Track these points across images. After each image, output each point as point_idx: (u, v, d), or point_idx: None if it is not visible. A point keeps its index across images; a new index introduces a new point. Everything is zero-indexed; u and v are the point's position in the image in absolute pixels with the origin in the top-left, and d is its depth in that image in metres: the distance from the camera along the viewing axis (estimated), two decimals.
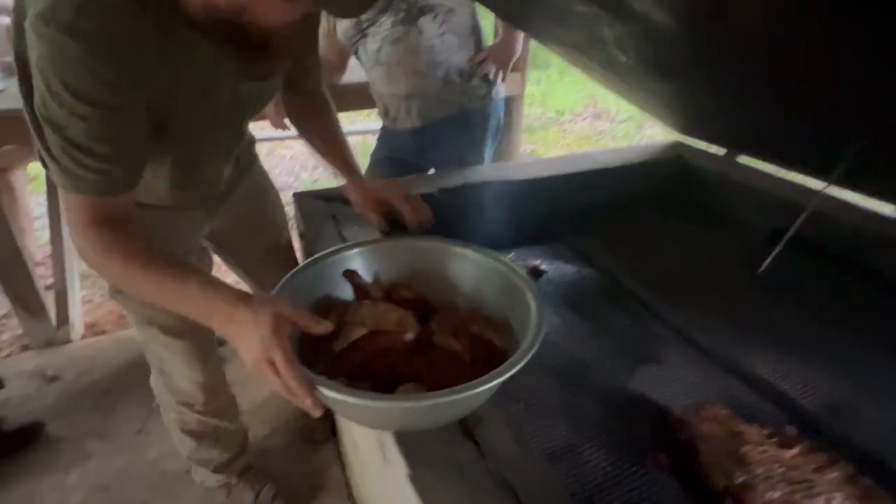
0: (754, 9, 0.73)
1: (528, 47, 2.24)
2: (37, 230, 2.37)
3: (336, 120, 1.13)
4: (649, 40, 0.96)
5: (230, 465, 1.37)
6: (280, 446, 1.59)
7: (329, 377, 0.62)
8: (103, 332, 2.11)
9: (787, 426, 0.77)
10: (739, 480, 0.66)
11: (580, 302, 1.15)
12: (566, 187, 1.49)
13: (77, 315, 2.07)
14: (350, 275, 0.83)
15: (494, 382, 0.59)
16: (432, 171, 1.71)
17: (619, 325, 1.09)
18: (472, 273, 0.85)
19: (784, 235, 0.94)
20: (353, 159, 1.13)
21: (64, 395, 1.77)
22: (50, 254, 2.00)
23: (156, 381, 1.22)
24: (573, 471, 0.75)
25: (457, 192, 1.38)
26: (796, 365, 0.97)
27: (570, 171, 1.52)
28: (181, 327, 1.08)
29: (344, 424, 1.22)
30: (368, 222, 1.13)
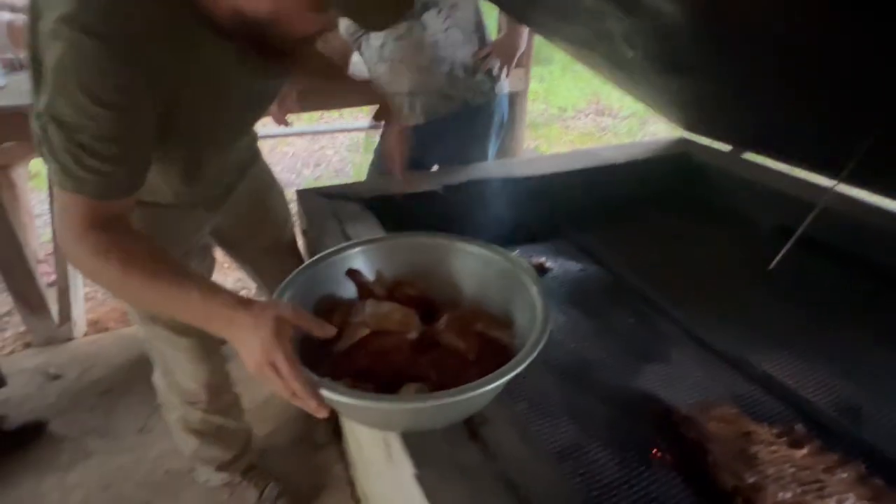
0: (763, 3, 0.72)
1: (532, 43, 2.23)
2: (38, 227, 2.37)
3: (326, 57, 1.20)
4: (658, 35, 0.95)
5: (234, 464, 1.36)
6: (283, 445, 1.58)
7: (333, 378, 0.61)
8: (106, 330, 2.10)
9: (796, 425, 0.76)
10: (750, 481, 0.65)
11: (584, 299, 1.14)
12: (570, 184, 1.48)
13: (79, 312, 2.06)
14: (353, 274, 0.82)
15: (500, 381, 0.59)
16: (436, 168, 1.70)
17: (623, 322, 1.09)
18: (476, 269, 0.84)
19: (788, 232, 0.93)
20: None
21: (66, 393, 1.76)
22: (52, 251, 1.98)
23: (159, 379, 1.22)
24: (580, 470, 0.74)
25: (460, 189, 1.37)
26: (803, 363, 0.96)
27: (575, 167, 1.51)
28: (186, 324, 1.07)
29: (348, 423, 1.21)
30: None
